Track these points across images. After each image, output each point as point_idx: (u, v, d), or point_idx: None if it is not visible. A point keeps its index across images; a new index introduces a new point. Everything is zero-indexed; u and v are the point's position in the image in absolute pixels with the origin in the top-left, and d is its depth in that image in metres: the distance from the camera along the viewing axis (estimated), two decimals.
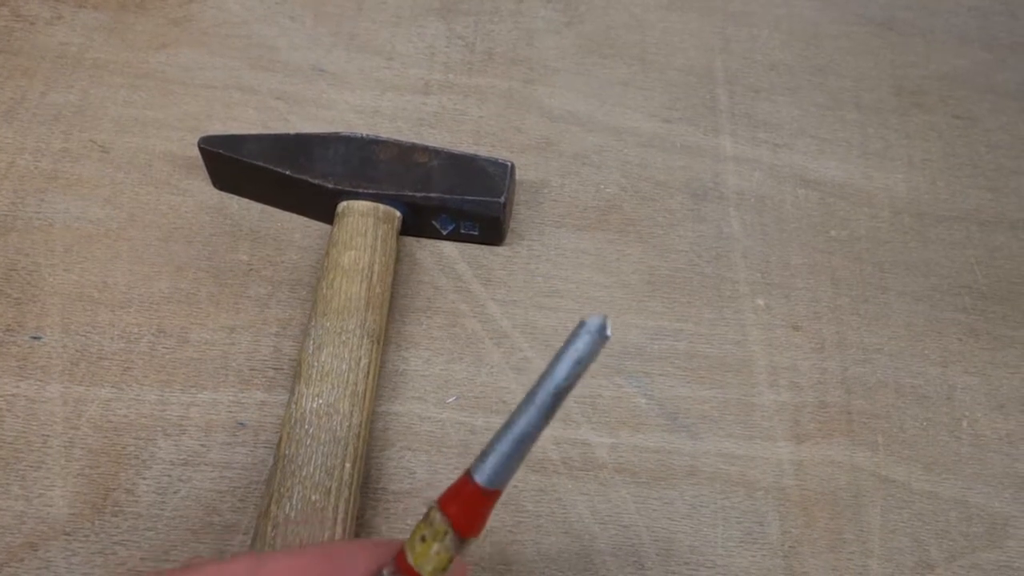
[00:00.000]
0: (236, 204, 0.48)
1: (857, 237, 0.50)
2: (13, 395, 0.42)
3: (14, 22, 0.54)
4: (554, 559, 0.40)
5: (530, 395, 0.22)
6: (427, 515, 0.24)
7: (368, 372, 0.41)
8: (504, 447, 0.23)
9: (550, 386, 0.22)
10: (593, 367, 0.44)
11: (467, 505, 0.23)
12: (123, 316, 0.44)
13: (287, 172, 0.45)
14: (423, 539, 0.24)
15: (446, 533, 0.24)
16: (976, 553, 0.41)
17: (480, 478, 0.23)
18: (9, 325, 0.44)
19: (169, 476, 0.40)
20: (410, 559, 0.24)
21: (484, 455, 0.23)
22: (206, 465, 0.41)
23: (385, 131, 0.51)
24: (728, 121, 0.53)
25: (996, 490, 0.42)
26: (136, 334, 0.44)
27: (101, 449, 0.41)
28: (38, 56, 0.53)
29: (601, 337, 0.22)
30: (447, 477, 0.41)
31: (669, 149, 0.52)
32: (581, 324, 0.22)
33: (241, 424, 0.42)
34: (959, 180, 0.52)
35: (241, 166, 0.46)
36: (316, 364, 0.40)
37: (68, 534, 0.39)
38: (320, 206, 0.46)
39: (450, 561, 0.24)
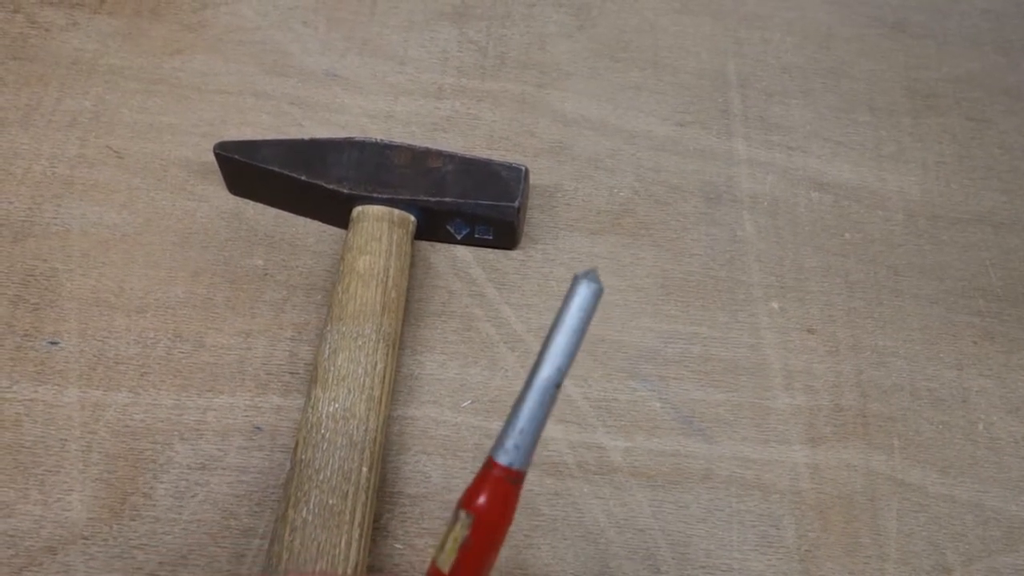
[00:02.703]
0: (251, 209, 0.49)
1: (871, 240, 0.50)
2: (31, 400, 0.42)
3: (29, 29, 0.55)
4: (570, 562, 0.40)
5: (538, 362, 0.23)
6: (453, 520, 0.24)
7: (384, 376, 0.41)
8: (523, 420, 0.23)
9: (561, 343, 0.22)
10: (608, 370, 0.44)
11: (479, 480, 0.23)
12: (140, 321, 0.45)
13: (302, 177, 0.45)
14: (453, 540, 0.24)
15: (454, 511, 0.24)
16: (993, 557, 0.41)
17: (504, 459, 0.23)
18: (27, 330, 0.44)
19: (186, 480, 0.40)
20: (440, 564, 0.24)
21: (503, 435, 0.23)
22: (223, 469, 0.41)
23: (399, 136, 0.51)
24: (741, 124, 0.53)
25: (1013, 493, 0.42)
26: (153, 339, 0.44)
27: (119, 453, 0.41)
28: (53, 62, 0.53)
29: (597, 287, 0.22)
30: (462, 481, 0.41)
31: (682, 153, 0.52)
32: (575, 279, 0.22)
33: (258, 428, 0.42)
34: (973, 182, 0.52)
35: (256, 171, 0.46)
36: (332, 368, 0.41)
37: (86, 538, 0.39)
38: (335, 211, 0.47)
39: (446, 535, 0.24)
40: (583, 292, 0.22)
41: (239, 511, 0.40)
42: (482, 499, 0.23)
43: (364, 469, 0.38)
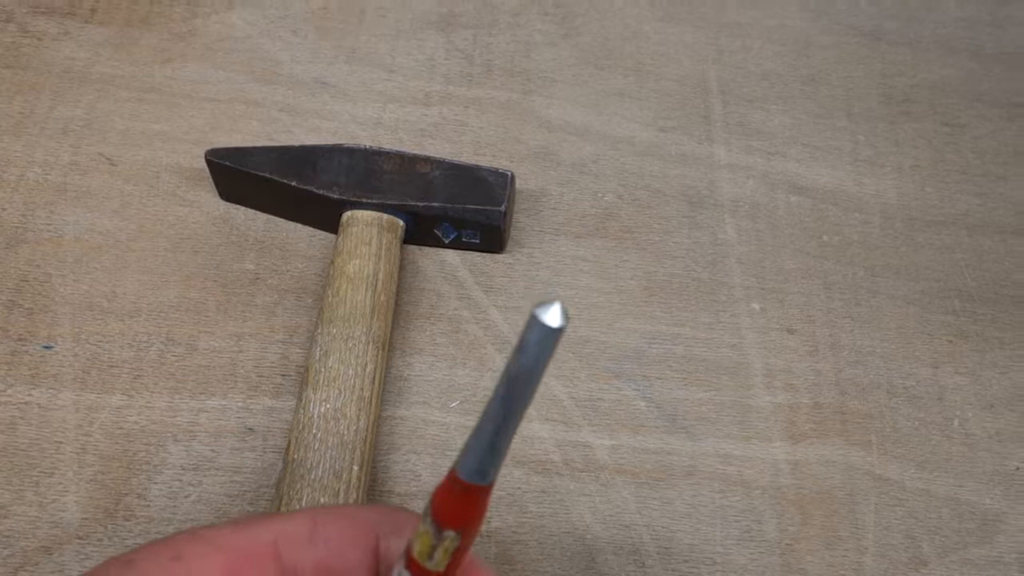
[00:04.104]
0: (242, 215, 0.49)
1: (849, 242, 0.51)
2: (26, 403, 0.43)
3: (21, 38, 0.55)
4: (557, 558, 0.41)
5: (496, 389, 0.21)
6: (425, 509, 0.25)
7: (374, 377, 0.42)
8: (478, 443, 0.22)
9: (509, 382, 0.21)
10: (593, 370, 0.45)
11: (451, 498, 0.23)
12: (133, 325, 0.45)
13: (292, 183, 0.46)
14: (420, 532, 0.24)
15: (432, 523, 0.24)
16: (968, 549, 0.42)
17: (460, 473, 0.23)
18: (21, 335, 0.45)
19: (180, 481, 0.41)
20: (413, 549, 0.25)
21: (474, 458, 0.23)
22: (216, 470, 0.42)
23: (387, 142, 0.52)
24: (722, 130, 0.55)
25: (987, 487, 0.44)
26: (146, 342, 0.45)
27: (113, 455, 0.42)
28: (45, 71, 0.54)
29: (551, 331, 0.20)
30: None
31: (665, 158, 0.53)
32: (532, 315, 0.20)
33: (250, 429, 0.43)
34: (948, 186, 0.54)
35: (247, 178, 0.47)
36: (323, 370, 0.41)
37: (81, 538, 0.39)
38: (325, 216, 0.47)
39: (432, 547, 0.24)
40: (533, 341, 0.20)
41: (232, 511, 0.40)
42: (467, 517, 0.24)
43: (355, 468, 0.39)
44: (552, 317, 0.20)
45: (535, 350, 0.20)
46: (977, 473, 0.44)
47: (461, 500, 0.23)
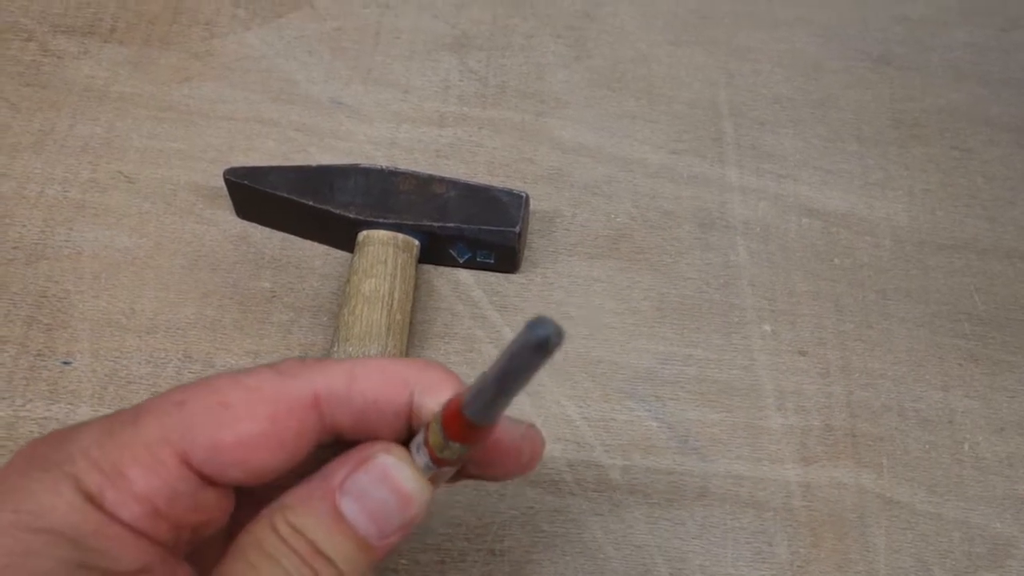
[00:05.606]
0: (259, 233, 0.50)
1: (860, 265, 0.51)
2: (45, 418, 0.43)
3: (42, 57, 0.56)
4: None
5: (491, 370, 0.22)
6: (437, 415, 0.26)
7: None
8: (480, 398, 0.24)
9: (502, 374, 0.22)
10: (606, 391, 0.45)
11: (457, 423, 0.25)
12: (150, 341, 0.46)
13: (309, 202, 0.47)
14: (434, 428, 0.26)
15: (441, 430, 0.25)
16: (978, 573, 0.42)
17: (466, 411, 0.24)
18: (40, 350, 0.45)
19: None
20: (428, 438, 0.26)
21: (470, 392, 0.24)
22: None
23: (402, 162, 0.53)
24: (734, 152, 0.55)
25: (997, 511, 0.44)
26: (163, 359, 0.45)
27: None
28: (65, 90, 0.55)
29: (536, 347, 0.20)
30: (465, 498, 0.43)
31: (677, 180, 0.54)
32: (523, 329, 0.20)
33: None
34: (958, 210, 0.54)
35: (265, 196, 0.48)
36: None
37: None
38: (341, 235, 0.48)
39: (441, 447, 0.26)
40: (520, 351, 0.21)
41: None
42: (471, 440, 0.25)
43: None
44: (538, 335, 0.20)
45: (521, 359, 0.21)
46: (988, 497, 0.44)
47: (466, 428, 0.25)
